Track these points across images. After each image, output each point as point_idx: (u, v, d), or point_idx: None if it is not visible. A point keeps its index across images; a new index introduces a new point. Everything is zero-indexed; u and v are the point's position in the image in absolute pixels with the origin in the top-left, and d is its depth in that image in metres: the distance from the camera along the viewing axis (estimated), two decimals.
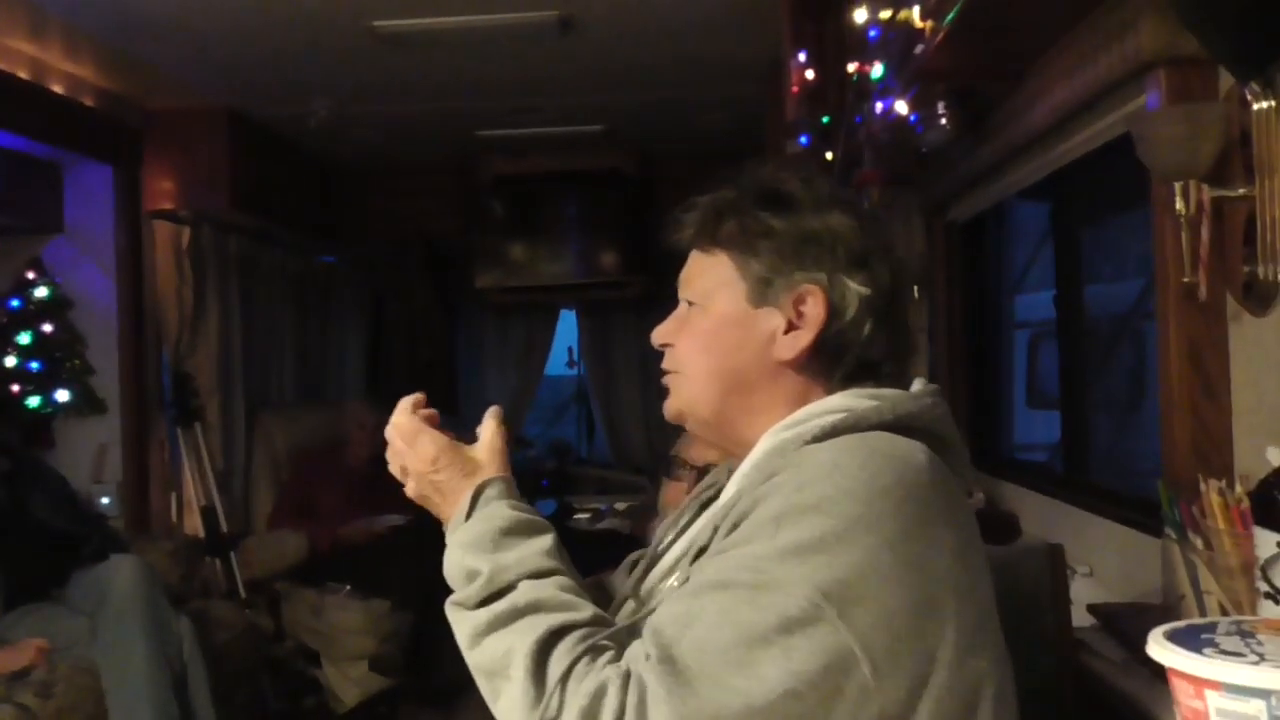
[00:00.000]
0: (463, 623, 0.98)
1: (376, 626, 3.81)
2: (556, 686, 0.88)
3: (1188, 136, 1.57)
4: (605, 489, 5.64)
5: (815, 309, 1.04)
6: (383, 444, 4.03)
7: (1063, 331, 2.77)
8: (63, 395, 3.83)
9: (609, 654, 0.91)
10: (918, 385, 1.05)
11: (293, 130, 4.52)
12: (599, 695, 0.86)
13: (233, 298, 4.45)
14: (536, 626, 0.92)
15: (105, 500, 3.87)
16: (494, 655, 0.93)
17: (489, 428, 1.11)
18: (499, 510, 1.02)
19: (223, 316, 4.35)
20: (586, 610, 0.95)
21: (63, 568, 3.01)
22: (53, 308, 3.86)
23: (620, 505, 5.00)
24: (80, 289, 3.93)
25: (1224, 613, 1.32)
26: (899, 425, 0.97)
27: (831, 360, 1.05)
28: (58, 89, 3.57)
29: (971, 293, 3.50)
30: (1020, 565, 1.51)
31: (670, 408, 1.12)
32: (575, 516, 4.94)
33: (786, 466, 0.94)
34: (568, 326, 6.12)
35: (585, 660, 0.90)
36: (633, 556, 1.25)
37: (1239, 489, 1.34)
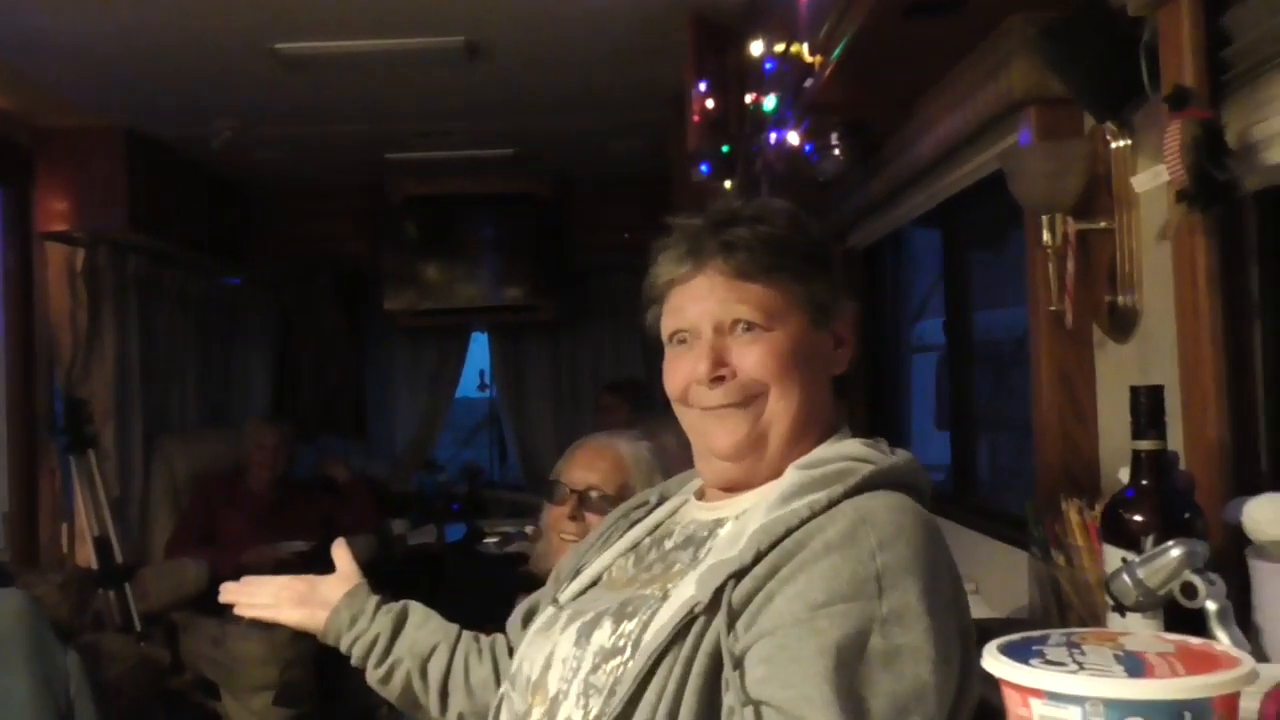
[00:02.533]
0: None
1: (279, 656, 3.74)
2: None
3: (1053, 172, 1.65)
4: (517, 511, 5.60)
5: (848, 332, 1.17)
6: (283, 465, 4.05)
7: (952, 356, 2.86)
8: None
9: None
10: (885, 445, 1.14)
11: (195, 150, 4.44)
12: None
13: (130, 320, 4.34)
14: None
15: None
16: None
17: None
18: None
19: (120, 340, 4.24)
20: None
21: None
22: None
23: (530, 529, 4.98)
24: None
25: (1083, 625, 1.38)
26: (904, 484, 1.07)
27: (841, 382, 1.17)
28: None
29: (871, 318, 3.60)
30: None
31: (742, 438, 1.12)
32: (485, 540, 4.90)
33: (851, 519, 1.00)
34: (479, 349, 6.10)
35: None
36: (526, 603, 1.27)
37: (1097, 508, 1.41)
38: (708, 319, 1.12)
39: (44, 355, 3.97)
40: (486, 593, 3.61)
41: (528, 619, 1.25)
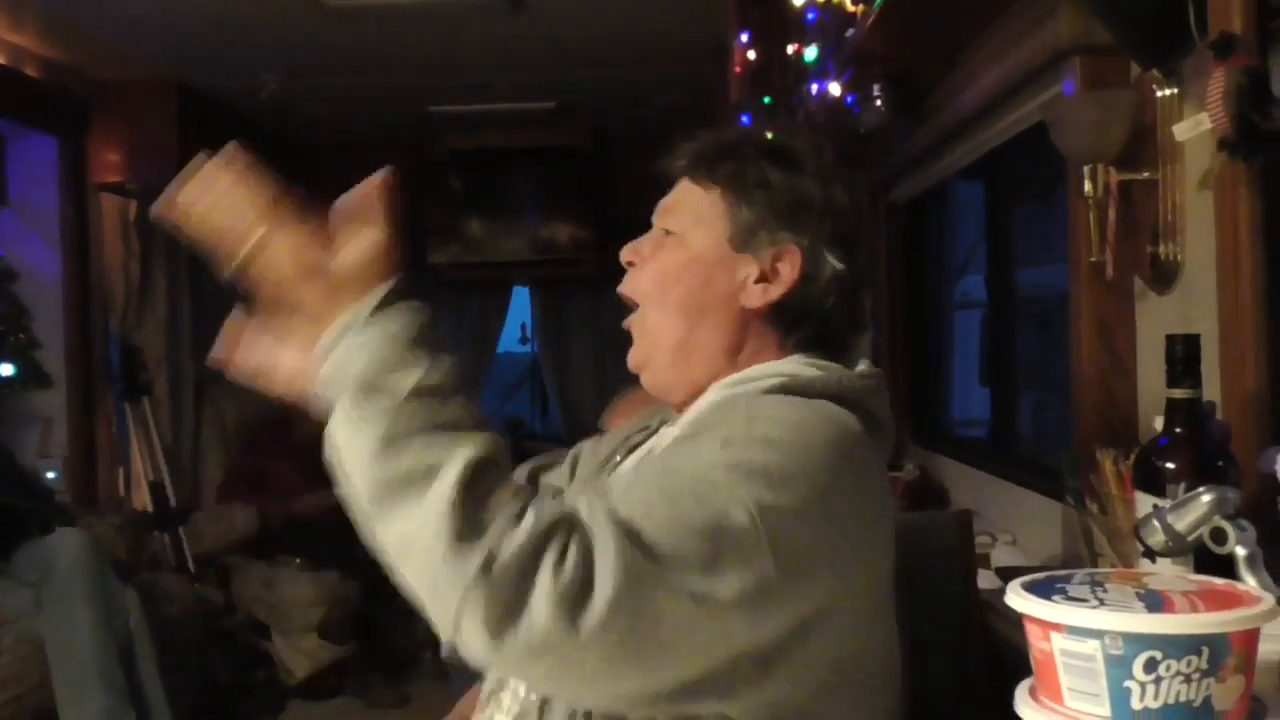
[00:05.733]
0: (370, 423, 0.82)
1: (327, 598, 3.85)
2: (496, 507, 0.79)
3: (1098, 122, 1.64)
4: None
5: (790, 269, 1.06)
6: None
7: (993, 311, 2.84)
8: (7, 369, 3.80)
9: (546, 499, 0.84)
10: (862, 366, 1.08)
11: (243, 104, 4.49)
12: (547, 532, 0.79)
13: (181, 271, 4.43)
14: (480, 442, 0.81)
15: (51, 475, 3.86)
16: (412, 465, 0.80)
17: (372, 207, 0.92)
18: (420, 313, 0.87)
19: (171, 290, 4.33)
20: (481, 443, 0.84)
21: (7, 540, 3.01)
22: None
23: None
24: (25, 262, 3.89)
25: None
26: (839, 396, 1.00)
27: (790, 323, 1.07)
28: (0, 59, 3.53)
29: (914, 271, 3.58)
30: (933, 530, 1.58)
31: (634, 354, 1.11)
32: None
33: (738, 404, 0.97)
34: (521, 302, 6.14)
35: (524, 498, 0.81)
36: (533, 463, 1.25)
37: (1132, 457, 1.41)
38: (655, 218, 1.12)
39: (99, 304, 4.08)
40: None
41: (531, 479, 1.23)
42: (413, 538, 0.79)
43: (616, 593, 0.78)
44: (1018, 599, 0.81)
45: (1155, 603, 0.77)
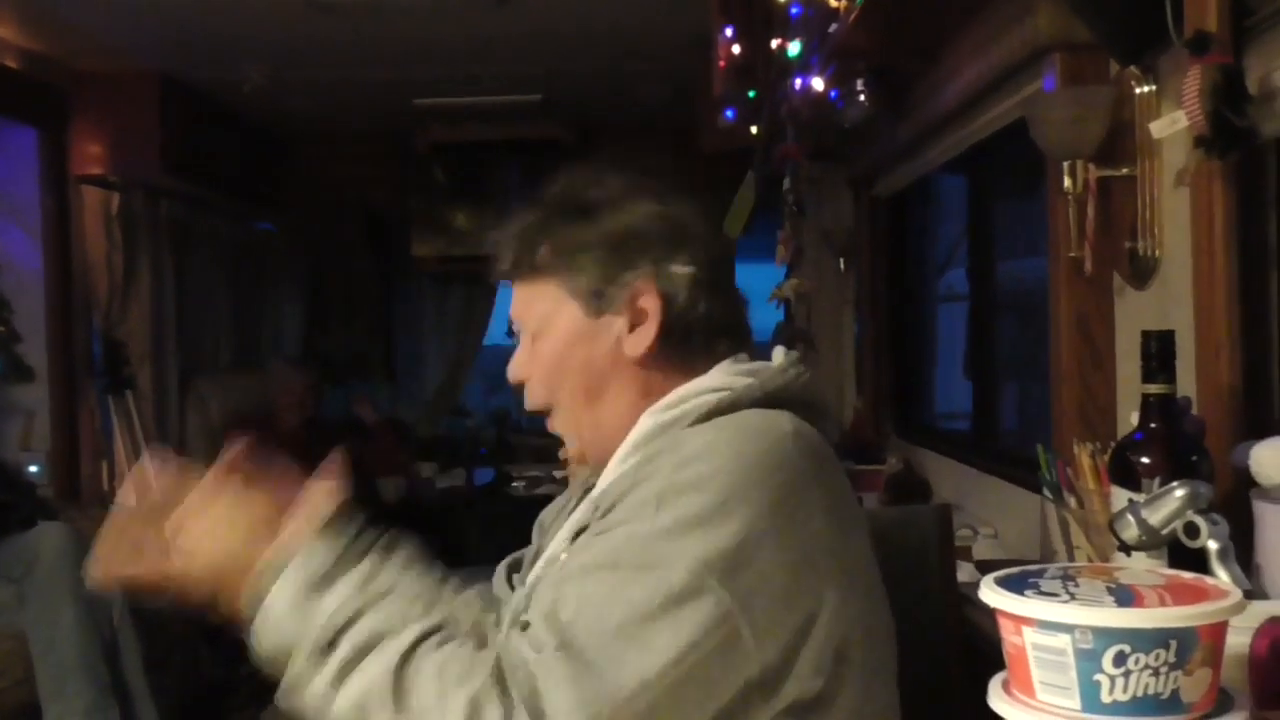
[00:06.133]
0: (310, 695, 0.90)
1: None
2: (420, 696, 0.86)
3: (1076, 118, 1.65)
4: (544, 456, 5.68)
5: (651, 302, 1.06)
6: (311, 408, 3.99)
7: (976, 304, 2.86)
8: None
9: (468, 658, 0.89)
10: (779, 357, 1.09)
11: (228, 96, 4.47)
12: (476, 706, 0.85)
13: (165, 264, 4.40)
14: (384, 656, 0.88)
15: (34, 469, 3.84)
16: (352, 706, 0.88)
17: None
18: (283, 584, 0.93)
19: (155, 283, 4.31)
20: (433, 615, 0.92)
21: None
22: None
23: (559, 473, 5.06)
24: (6, 254, 3.86)
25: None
26: (769, 400, 1.02)
27: (682, 345, 1.07)
28: None
29: (897, 265, 3.60)
30: (913, 524, 1.60)
31: (573, 455, 1.12)
32: (513, 484, 4.99)
33: (666, 449, 0.98)
34: (507, 296, 6.11)
35: (446, 673, 0.87)
36: (512, 557, 1.24)
37: (1109, 451, 1.43)
38: (514, 325, 1.15)
39: (82, 298, 4.05)
40: (515, 535, 3.69)
41: (510, 574, 1.23)
42: None
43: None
44: (991, 593, 0.82)
45: (1125, 597, 0.78)
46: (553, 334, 1.09)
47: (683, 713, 0.89)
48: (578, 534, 1.02)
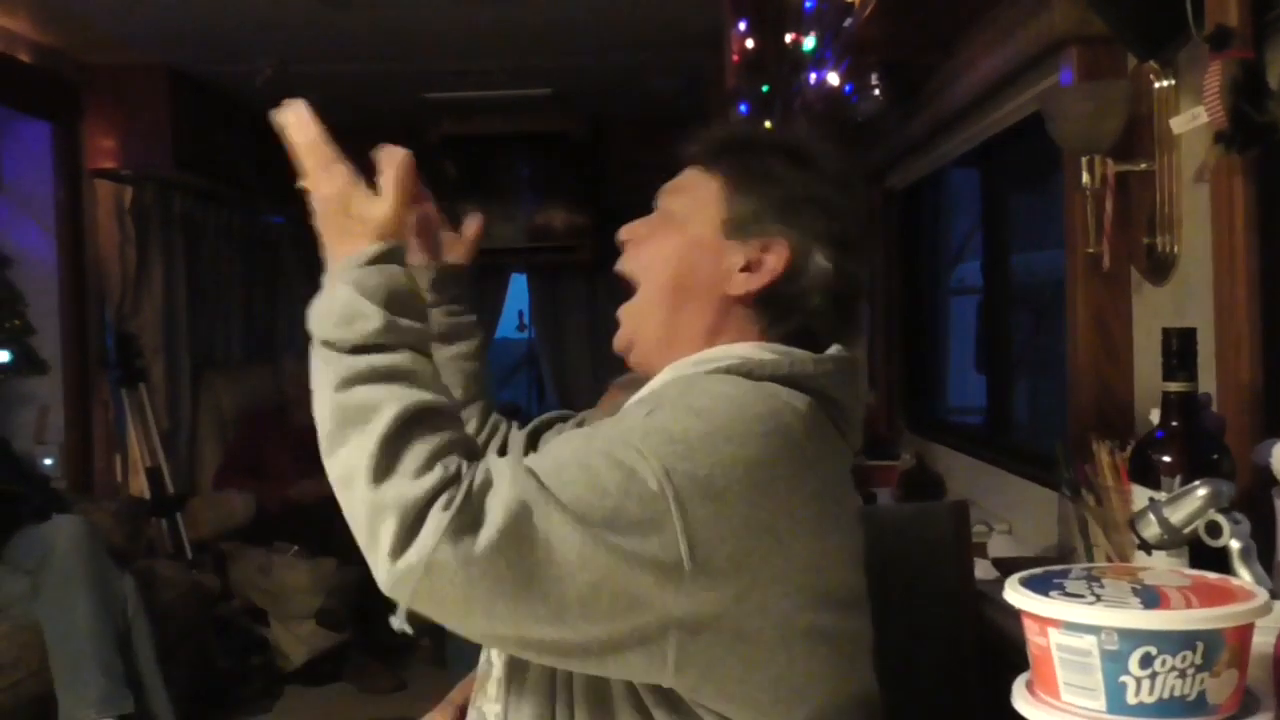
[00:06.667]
0: (332, 363, 0.92)
1: (324, 585, 3.86)
2: (408, 451, 0.86)
3: (1093, 113, 1.64)
4: None
5: (776, 261, 1.07)
6: None
7: (989, 298, 2.85)
8: (2, 355, 3.80)
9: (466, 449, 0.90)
10: (831, 350, 1.07)
11: (238, 90, 4.47)
12: (451, 477, 0.85)
13: (177, 257, 4.42)
14: (410, 396, 0.89)
15: (48, 461, 3.86)
16: (359, 404, 0.89)
17: (389, 180, 1.02)
18: (399, 277, 0.96)
19: (167, 276, 4.32)
20: (454, 405, 0.94)
21: (3, 527, 3.01)
22: None
23: None
24: (20, 247, 3.88)
25: (1109, 562, 1.40)
26: (791, 380, 1.00)
27: (774, 315, 1.08)
28: None
29: (909, 259, 3.59)
30: (930, 521, 1.60)
31: (620, 335, 1.13)
32: None
33: (674, 384, 0.99)
34: (518, 290, 6.14)
35: (443, 443, 0.88)
36: (538, 421, 1.33)
37: (1128, 449, 1.42)
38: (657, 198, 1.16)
39: (95, 290, 4.07)
40: None
41: (532, 436, 1.32)
42: (348, 470, 0.88)
43: (505, 523, 0.83)
44: (1015, 594, 0.82)
45: (1151, 599, 0.78)
46: (685, 225, 1.10)
47: (599, 587, 0.85)
48: None
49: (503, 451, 1.39)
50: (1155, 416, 1.25)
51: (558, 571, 0.84)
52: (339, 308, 0.94)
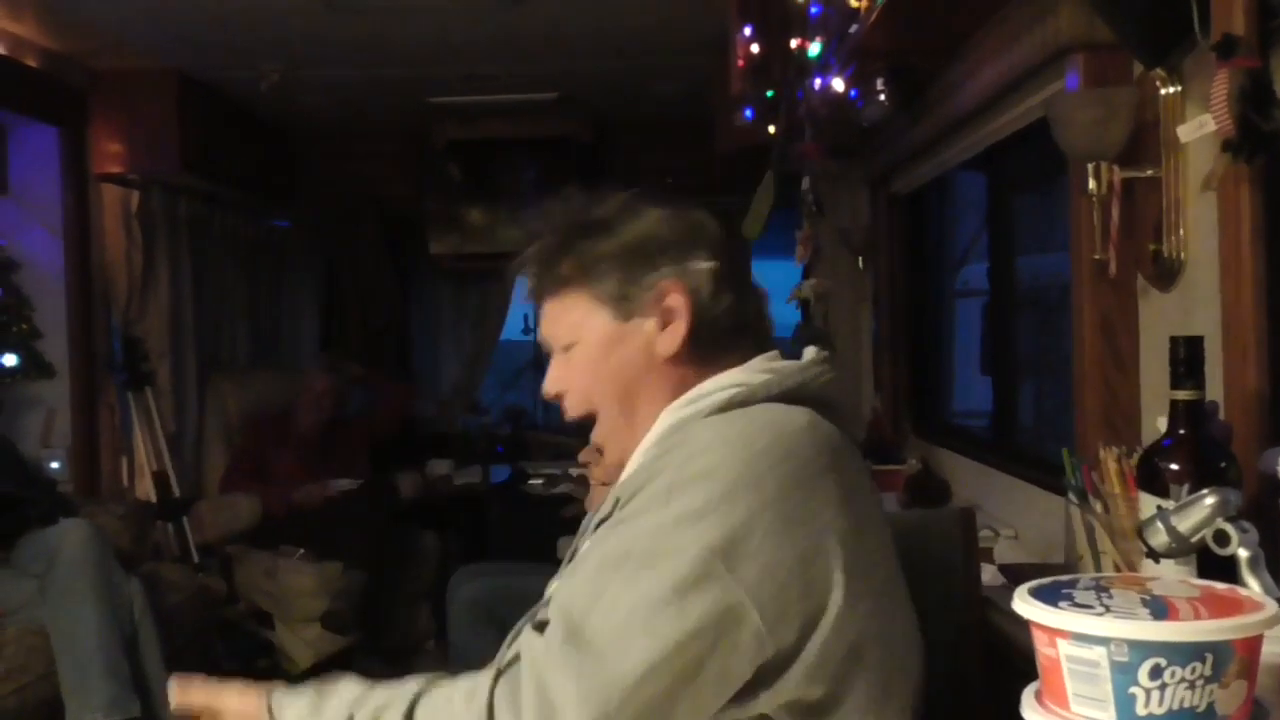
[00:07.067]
0: None
1: (329, 588, 3.86)
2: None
3: (1099, 120, 1.64)
4: (560, 454, 5.70)
5: (678, 299, 1.10)
6: (331, 409, 3.97)
7: (995, 301, 2.85)
8: (9, 359, 3.80)
9: (470, 681, 0.96)
10: (808, 354, 1.11)
11: (245, 94, 4.48)
12: (489, 710, 0.91)
13: (184, 261, 4.43)
14: (393, 712, 0.96)
15: (55, 465, 3.87)
16: None
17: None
18: (293, 697, 1.05)
19: (173, 280, 4.33)
20: (415, 682, 1.00)
21: (10, 531, 3.02)
22: None
23: (575, 471, 5.06)
24: (27, 252, 3.89)
25: (1117, 571, 1.40)
26: (787, 396, 1.03)
27: (709, 341, 1.10)
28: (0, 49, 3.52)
29: (914, 262, 3.59)
30: (936, 527, 1.60)
31: (611, 461, 1.15)
32: (530, 482, 5.00)
33: (679, 442, 1.00)
34: (523, 292, 6.13)
35: (454, 698, 0.94)
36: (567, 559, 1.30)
37: (1135, 456, 1.42)
38: (545, 344, 1.18)
39: (101, 295, 4.08)
40: (531, 532, 3.70)
41: None
42: None
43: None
44: (1025, 605, 0.82)
45: (1160, 609, 0.78)
46: (586, 342, 1.12)
47: (694, 698, 0.91)
48: (600, 524, 1.03)
49: None
50: (1162, 424, 1.25)
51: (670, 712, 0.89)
52: None
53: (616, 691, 0.87)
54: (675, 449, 0.99)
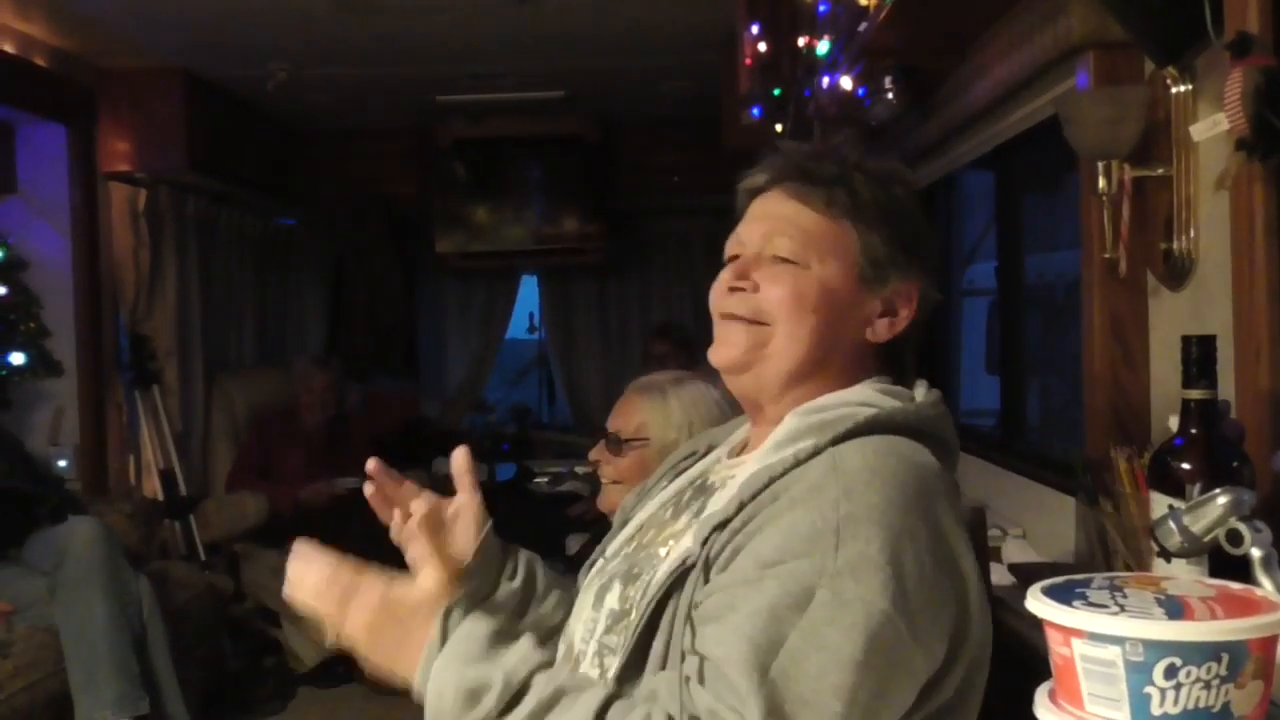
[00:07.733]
0: None
1: None
2: None
3: (1111, 119, 1.64)
4: (566, 452, 5.70)
5: (909, 307, 1.10)
6: (333, 405, 3.93)
7: (1003, 300, 2.85)
8: (18, 358, 3.81)
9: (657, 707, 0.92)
10: (921, 391, 1.10)
11: (251, 92, 4.49)
12: None
13: (191, 260, 4.44)
14: (576, 708, 0.92)
15: (62, 463, 3.87)
16: None
17: (422, 552, 1.08)
18: (474, 625, 0.98)
19: (180, 278, 4.34)
20: (604, 687, 0.96)
21: (19, 529, 3.03)
22: (6, 269, 3.83)
23: (580, 469, 5.06)
24: (35, 250, 3.90)
25: (1128, 571, 1.40)
26: (915, 430, 1.04)
27: (889, 356, 1.11)
28: (8, 48, 3.53)
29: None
30: None
31: (736, 354, 1.09)
32: (535, 480, 5.00)
33: (825, 468, 0.97)
34: (529, 291, 6.15)
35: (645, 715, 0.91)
36: (597, 552, 1.26)
37: (1146, 455, 1.42)
38: (757, 235, 1.10)
39: (109, 293, 4.09)
40: (537, 531, 3.70)
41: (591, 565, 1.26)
42: None
43: None
44: (1039, 604, 0.81)
45: (1175, 609, 0.78)
46: (825, 272, 1.07)
47: None
48: (722, 525, 0.99)
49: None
50: (1173, 423, 1.24)
51: None
52: (452, 694, 0.95)
53: None
54: (827, 483, 0.96)
